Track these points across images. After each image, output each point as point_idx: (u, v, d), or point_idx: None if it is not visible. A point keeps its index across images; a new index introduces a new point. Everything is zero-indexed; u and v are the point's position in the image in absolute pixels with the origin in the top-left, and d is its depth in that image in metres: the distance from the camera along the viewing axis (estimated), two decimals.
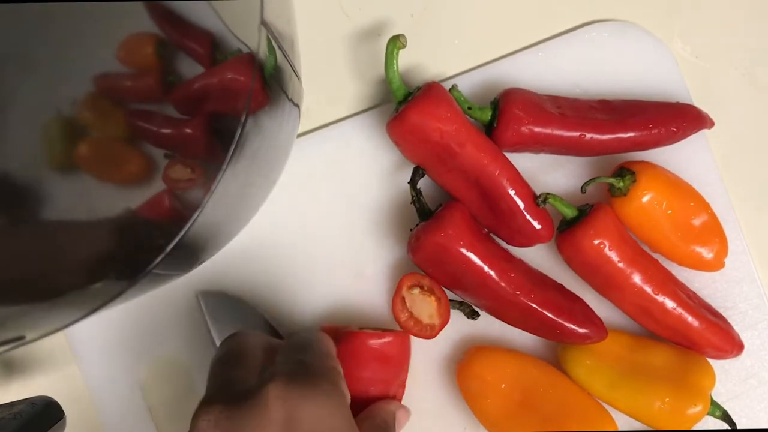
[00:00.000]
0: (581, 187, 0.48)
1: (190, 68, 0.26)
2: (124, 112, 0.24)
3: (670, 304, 0.47)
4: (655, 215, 0.48)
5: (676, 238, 0.48)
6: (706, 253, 0.49)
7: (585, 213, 0.48)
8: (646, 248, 0.50)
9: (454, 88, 0.49)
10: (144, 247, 0.29)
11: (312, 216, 0.53)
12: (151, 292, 0.35)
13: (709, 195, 0.50)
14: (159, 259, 0.30)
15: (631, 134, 0.48)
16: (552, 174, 0.52)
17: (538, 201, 0.48)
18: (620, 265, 0.47)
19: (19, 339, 0.28)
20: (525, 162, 0.51)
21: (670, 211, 0.48)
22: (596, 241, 0.46)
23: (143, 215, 0.27)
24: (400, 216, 0.53)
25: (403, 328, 0.50)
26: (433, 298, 0.50)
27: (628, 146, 0.49)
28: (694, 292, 0.50)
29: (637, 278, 0.47)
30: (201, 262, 0.38)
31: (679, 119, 0.49)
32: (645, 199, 0.47)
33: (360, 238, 0.53)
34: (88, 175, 0.23)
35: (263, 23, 0.32)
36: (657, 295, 0.47)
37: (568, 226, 0.48)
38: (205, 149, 0.29)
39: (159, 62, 0.24)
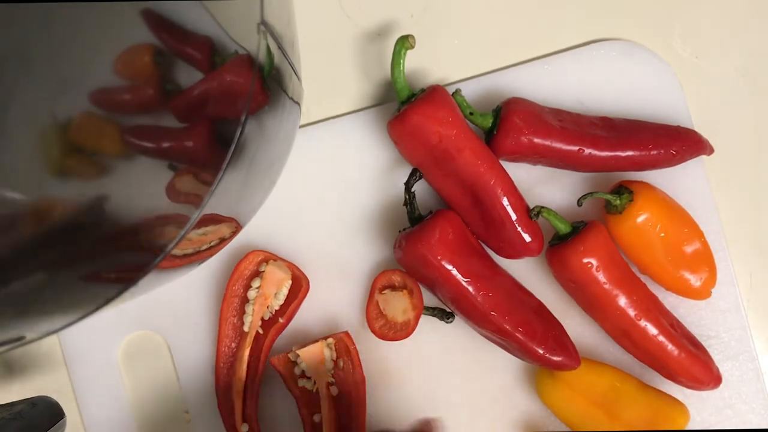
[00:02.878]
0: (578, 200, 0.48)
1: (189, 74, 0.26)
2: (123, 128, 0.23)
3: (651, 330, 0.47)
4: (648, 236, 0.47)
5: (666, 262, 0.48)
6: (694, 281, 0.49)
7: (578, 230, 0.47)
8: (635, 269, 0.49)
9: (457, 92, 0.49)
10: (144, 248, 0.29)
11: (304, 208, 0.53)
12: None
13: (702, 223, 0.49)
14: (159, 259, 0.30)
15: (630, 153, 0.48)
16: (547, 188, 0.52)
17: (531, 214, 0.47)
18: (606, 286, 0.46)
19: (20, 339, 0.28)
20: (521, 173, 0.51)
21: (663, 234, 0.47)
22: (585, 260, 0.46)
23: (143, 216, 0.27)
24: (392, 216, 0.53)
25: (379, 337, 0.50)
26: (404, 292, 0.50)
27: (626, 165, 0.49)
28: (677, 321, 0.50)
29: (621, 301, 0.47)
30: (201, 263, 0.38)
31: (679, 142, 0.49)
32: (640, 219, 0.47)
33: (349, 235, 0.53)
34: (87, 177, 0.23)
35: (263, 24, 0.32)
36: (639, 320, 0.47)
37: (560, 241, 0.48)
38: (205, 151, 0.29)
39: (157, 71, 0.24)
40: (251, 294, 0.52)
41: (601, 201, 0.50)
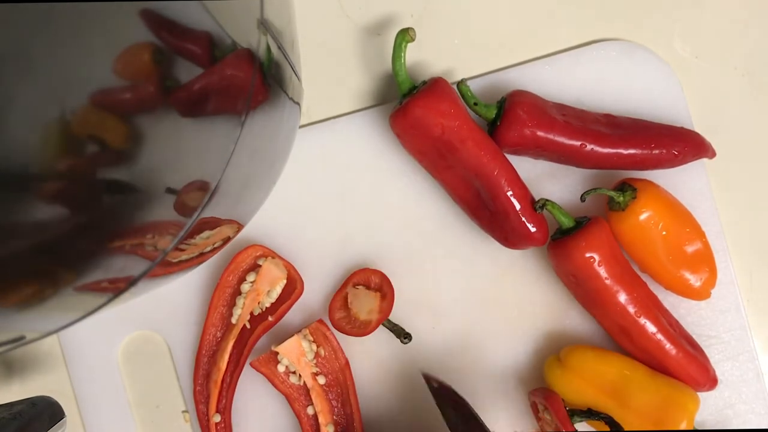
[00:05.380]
0: (581, 196, 0.48)
1: (189, 70, 0.26)
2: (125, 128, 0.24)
3: (650, 328, 0.47)
4: (649, 234, 0.47)
5: (667, 261, 0.48)
6: (694, 281, 0.49)
7: (581, 225, 0.47)
8: (635, 267, 0.49)
9: (462, 82, 0.49)
10: (144, 249, 0.29)
11: (303, 208, 0.53)
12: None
13: (702, 223, 0.49)
14: (159, 259, 0.30)
15: (632, 151, 0.48)
16: (550, 185, 0.52)
17: (536, 206, 0.47)
18: (607, 281, 0.46)
19: (20, 339, 0.28)
20: (525, 169, 0.51)
21: (665, 233, 0.47)
22: (587, 254, 0.46)
23: (144, 215, 0.27)
24: (392, 217, 0.53)
25: (335, 327, 0.50)
26: (378, 294, 0.50)
27: (628, 163, 0.49)
28: (676, 321, 0.50)
29: (621, 297, 0.47)
30: (201, 262, 0.38)
31: (682, 143, 0.49)
32: (642, 216, 0.47)
33: (349, 236, 0.53)
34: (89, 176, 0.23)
35: (263, 22, 0.32)
36: (639, 317, 0.47)
37: (562, 235, 0.48)
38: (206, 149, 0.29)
39: (157, 69, 0.24)
40: (244, 287, 0.52)
41: (604, 199, 0.50)
